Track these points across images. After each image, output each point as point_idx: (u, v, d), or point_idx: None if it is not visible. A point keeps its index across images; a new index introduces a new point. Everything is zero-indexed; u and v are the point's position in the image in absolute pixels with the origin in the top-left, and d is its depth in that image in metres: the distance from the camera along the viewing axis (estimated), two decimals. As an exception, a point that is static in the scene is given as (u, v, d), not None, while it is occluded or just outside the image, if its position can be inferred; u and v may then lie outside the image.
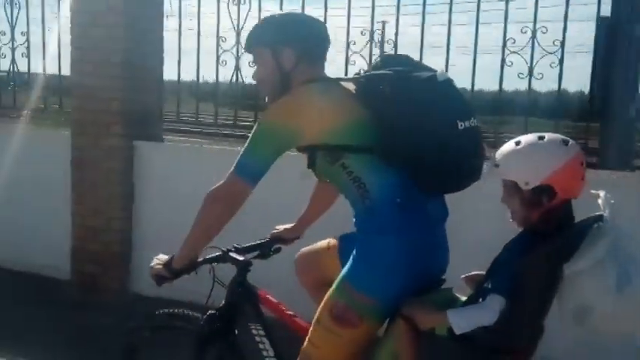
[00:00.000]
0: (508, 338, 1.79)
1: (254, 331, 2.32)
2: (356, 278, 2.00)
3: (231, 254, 2.31)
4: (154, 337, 2.52)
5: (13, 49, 5.14)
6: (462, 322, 1.79)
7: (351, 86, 2.09)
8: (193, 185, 2.68)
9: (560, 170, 1.78)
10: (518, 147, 1.83)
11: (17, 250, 4.83)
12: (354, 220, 2.07)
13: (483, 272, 1.93)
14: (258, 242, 2.49)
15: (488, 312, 1.77)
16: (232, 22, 4.39)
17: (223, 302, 2.34)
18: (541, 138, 1.83)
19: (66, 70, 4.78)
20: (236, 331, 2.35)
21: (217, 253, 2.30)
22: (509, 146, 1.86)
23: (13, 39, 5.14)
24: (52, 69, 5.03)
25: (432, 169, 1.94)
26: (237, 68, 4.46)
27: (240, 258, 2.29)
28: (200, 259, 2.21)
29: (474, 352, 1.80)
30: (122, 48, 4.24)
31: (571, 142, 1.83)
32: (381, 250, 1.98)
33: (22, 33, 5.13)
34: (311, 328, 2.08)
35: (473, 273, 2.02)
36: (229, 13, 4.38)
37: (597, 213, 1.80)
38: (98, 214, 4.45)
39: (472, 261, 2.05)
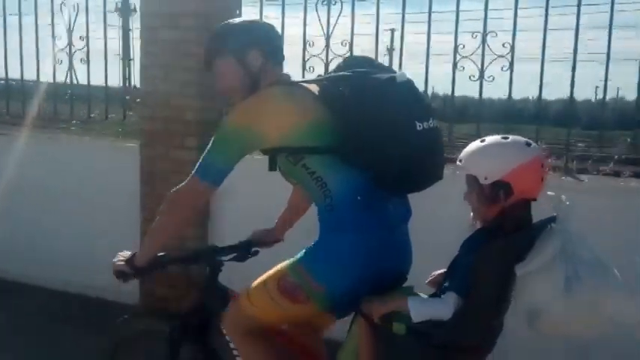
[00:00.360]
0: (463, 334, 1.82)
1: (225, 332, 2.26)
2: (310, 265, 2.02)
3: (201, 255, 2.34)
4: (130, 343, 2.54)
5: (70, 55, 4.74)
6: (420, 309, 1.85)
7: (314, 88, 2.12)
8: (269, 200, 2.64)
9: (519, 169, 1.83)
10: (482, 144, 1.90)
11: (85, 274, 4.49)
12: (317, 217, 2.07)
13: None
14: (236, 244, 2.47)
15: (444, 307, 1.82)
16: (322, 27, 3.99)
17: (196, 303, 2.36)
18: (505, 138, 1.89)
19: (113, 80, 4.55)
20: (208, 332, 2.36)
21: (189, 253, 2.34)
22: (474, 144, 1.92)
23: (70, 44, 4.76)
24: (98, 79, 4.78)
25: (392, 169, 1.96)
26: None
27: (212, 259, 2.30)
28: (170, 258, 2.24)
29: (430, 349, 1.83)
30: (196, 52, 3.88)
31: (534, 144, 1.89)
32: (338, 247, 2.00)
33: (80, 37, 4.72)
34: (254, 285, 2.12)
35: (436, 273, 2.08)
36: (318, 17, 3.99)
37: (550, 215, 1.83)
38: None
39: (435, 262, 2.07)
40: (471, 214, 1.94)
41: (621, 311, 1.74)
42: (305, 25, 4.00)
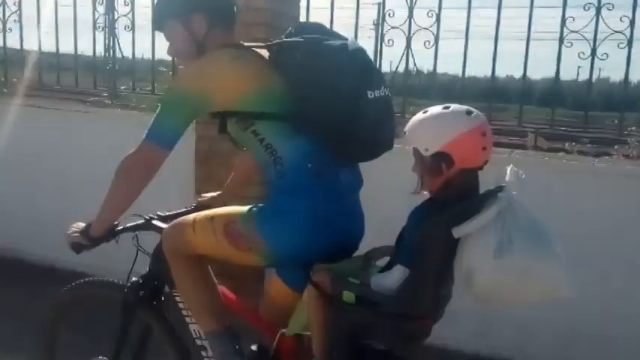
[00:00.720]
0: (411, 304, 1.84)
1: (177, 298, 2.31)
2: (259, 219, 2.02)
3: (154, 222, 2.33)
4: (78, 308, 2.56)
5: (112, 22, 4.44)
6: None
7: (264, 53, 2.08)
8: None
9: (459, 138, 1.82)
10: (423, 116, 1.90)
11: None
12: (267, 186, 2.06)
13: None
14: (183, 210, 2.46)
15: (390, 278, 1.86)
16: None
17: (147, 270, 2.35)
18: (446, 107, 1.89)
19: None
20: (161, 299, 2.37)
21: (140, 221, 2.32)
22: (417, 116, 1.92)
23: (112, 9, 4.47)
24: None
25: (342, 137, 1.95)
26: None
27: (163, 226, 2.29)
28: (121, 227, 2.23)
29: (379, 318, 1.86)
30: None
31: (475, 112, 1.87)
32: (287, 210, 1.99)
33: (125, 2, 4.36)
34: (200, 215, 2.13)
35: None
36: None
37: (500, 185, 1.82)
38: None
39: (386, 234, 2.04)
40: (417, 184, 1.95)
41: (549, 281, 1.74)
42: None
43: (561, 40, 3.52)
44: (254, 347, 2.21)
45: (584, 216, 3.29)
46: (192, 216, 2.16)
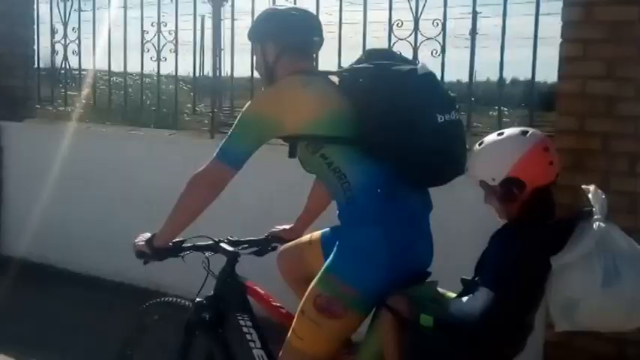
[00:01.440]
0: (493, 331, 1.78)
1: (241, 322, 2.31)
2: (339, 269, 2.00)
3: (222, 245, 2.33)
4: (150, 329, 2.57)
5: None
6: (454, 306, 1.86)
7: (335, 79, 2.17)
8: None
9: (522, 160, 1.83)
10: (480, 147, 1.93)
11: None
12: (337, 212, 2.08)
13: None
14: (256, 239, 2.51)
15: (474, 301, 1.81)
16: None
17: (212, 292, 2.35)
18: (500, 134, 1.91)
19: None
20: (224, 321, 2.37)
21: (208, 242, 2.34)
22: (474, 149, 1.95)
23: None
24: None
25: (413, 162, 1.96)
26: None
27: (230, 249, 2.31)
28: (188, 245, 2.26)
29: (458, 343, 1.79)
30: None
31: (531, 131, 1.88)
32: (363, 242, 1.98)
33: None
34: (295, 319, 2.09)
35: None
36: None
37: (587, 208, 1.81)
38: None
39: (456, 254, 2.09)
40: (496, 213, 1.93)
41: None
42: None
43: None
44: None
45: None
46: (290, 331, 2.08)
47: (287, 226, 2.59)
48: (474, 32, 3.77)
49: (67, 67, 5.20)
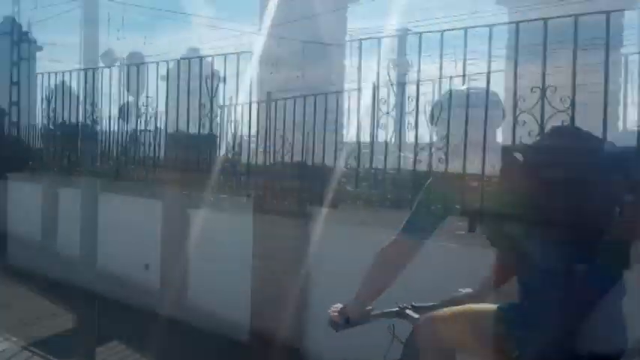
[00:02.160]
0: None
1: None
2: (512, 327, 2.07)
3: (408, 312, 2.42)
4: None
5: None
6: None
7: (518, 155, 2.21)
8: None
9: None
10: None
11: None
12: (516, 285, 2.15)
13: None
14: (436, 303, 2.50)
15: None
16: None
17: (399, 358, 2.41)
18: None
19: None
20: None
21: (394, 309, 2.43)
22: None
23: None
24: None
25: (592, 242, 1.94)
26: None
27: (416, 316, 2.39)
28: (377, 312, 2.39)
29: None
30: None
31: None
32: (538, 313, 2.03)
33: None
34: None
35: None
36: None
37: None
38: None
39: None
40: None
41: None
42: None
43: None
44: None
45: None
46: None
47: (469, 290, 2.56)
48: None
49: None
